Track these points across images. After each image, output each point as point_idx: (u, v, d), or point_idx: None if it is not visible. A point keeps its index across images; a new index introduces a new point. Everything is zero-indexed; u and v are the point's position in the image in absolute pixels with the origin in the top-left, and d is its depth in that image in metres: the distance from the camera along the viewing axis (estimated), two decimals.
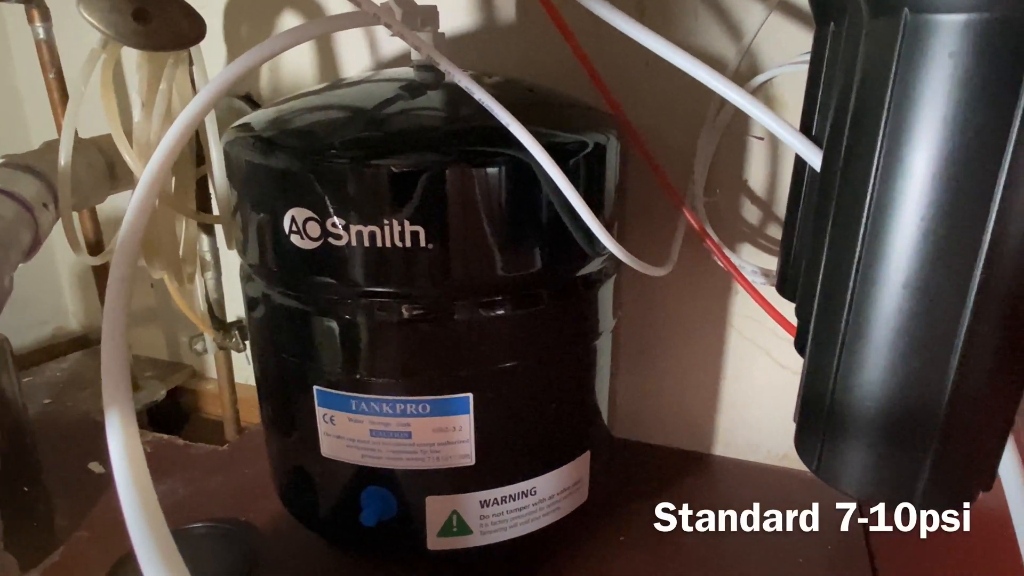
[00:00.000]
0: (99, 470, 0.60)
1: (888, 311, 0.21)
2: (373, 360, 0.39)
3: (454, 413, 0.39)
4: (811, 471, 0.25)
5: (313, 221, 0.36)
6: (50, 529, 0.54)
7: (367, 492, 0.41)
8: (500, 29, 0.54)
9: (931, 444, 0.21)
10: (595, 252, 0.41)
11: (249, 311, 0.45)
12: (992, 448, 0.22)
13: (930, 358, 0.21)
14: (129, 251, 0.28)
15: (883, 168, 0.21)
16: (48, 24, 0.57)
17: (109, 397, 0.23)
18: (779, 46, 0.49)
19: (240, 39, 0.62)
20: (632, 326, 0.59)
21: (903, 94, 0.20)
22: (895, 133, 0.20)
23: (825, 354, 0.24)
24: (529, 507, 0.43)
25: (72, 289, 0.84)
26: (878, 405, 0.22)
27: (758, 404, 0.60)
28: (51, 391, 0.73)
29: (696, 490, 0.59)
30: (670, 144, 0.52)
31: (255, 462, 0.61)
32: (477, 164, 0.36)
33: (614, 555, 0.51)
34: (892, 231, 0.21)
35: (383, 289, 0.38)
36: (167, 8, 0.37)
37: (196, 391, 0.79)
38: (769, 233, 0.54)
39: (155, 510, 0.21)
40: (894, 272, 0.21)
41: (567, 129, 0.40)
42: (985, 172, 0.19)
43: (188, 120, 0.31)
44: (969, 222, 0.19)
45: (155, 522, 0.20)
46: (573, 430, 0.45)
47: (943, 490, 0.22)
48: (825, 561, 0.51)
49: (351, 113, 0.40)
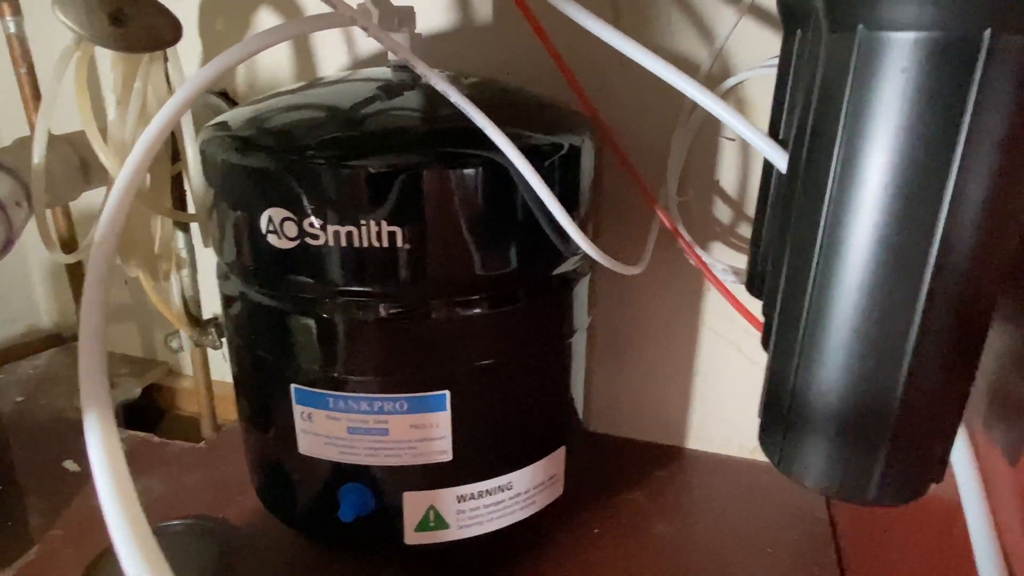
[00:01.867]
0: (73, 468, 0.60)
1: (843, 312, 0.22)
2: (350, 358, 0.40)
3: (431, 410, 0.40)
4: (773, 465, 0.26)
5: (290, 221, 0.37)
6: (24, 528, 0.54)
7: (345, 488, 0.42)
8: (477, 29, 0.55)
9: (884, 441, 0.22)
10: (570, 252, 0.42)
11: (226, 309, 0.45)
12: (942, 443, 0.23)
13: (883, 358, 0.22)
14: (106, 255, 0.28)
15: (839, 177, 0.22)
16: (19, 18, 0.57)
17: (88, 405, 0.23)
18: (750, 49, 0.50)
19: (215, 35, 0.61)
20: (607, 323, 0.60)
21: (858, 106, 0.21)
22: (851, 143, 0.21)
23: (786, 353, 0.25)
24: (505, 501, 0.44)
25: (44, 286, 0.83)
26: (835, 403, 0.23)
27: (730, 399, 0.61)
28: (24, 389, 0.72)
29: (669, 483, 0.60)
30: (644, 144, 0.53)
31: (232, 459, 0.61)
32: (454, 165, 0.36)
33: (589, 547, 0.52)
34: (848, 237, 0.22)
35: (360, 288, 0.38)
36: (143, 10, 0.37)
37: (172, 388, 0.79)
38: (740, 232, 0.55)
39: (136, 509, 0.21)
40: (849, 276, 0.22)
41: (542, 131, 0.40)
42: (934, 182, 0.20)
43: (163, 122, 0.31)
44: (919, 229, 0.20)
45: (136, 521, 0.21)
46: (549, 426, 0.46)
47: (896, 484, 0.23)
48: (792, 550, 0.53)
49: (328, 113, 0.41)
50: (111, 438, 0.24)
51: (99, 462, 0.23)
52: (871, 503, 0.23)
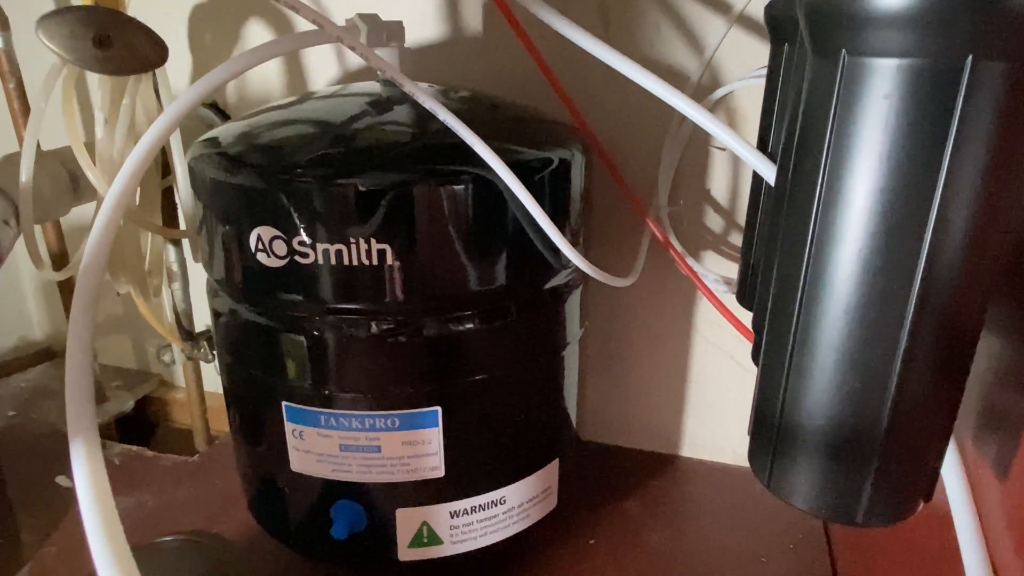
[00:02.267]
0: (66, 484, 0.59)
1: (830, 334, 0.22)
2: (341, 376, 0.40)
3: (423, 427, 0.40)
4: (763, 484, 0.26)
5: (279, 239, 0.36)
6: (17, 545, 0.53)
7: (337, 506, 0.42)
8: (466, 42, 0.55)
9: (872, 462, 0.22)
10: (561, 265, 0.42)
11: (216, 326, 0.45)
12: (931, 462, 0.23)
13: (869, 380, 0.22)
14: (94, 274, 0.28)
15: (824, 200, 0.22)
16: (7, 33, 0.56)
17: (74, 429, 0.23)
18: (740, 59, 0.50)
19: (205, 48, 0.61)
20: (600, 334, 0.60)
21: (842, 130, 0.21)
22: (835, 167, 0.21)
23: (774, 372, 0.25)
24: (499, 516, 0.44)
25: (37, 300, 0.82)
26: (823, 424, 0.23)
27: (723, 407, 0.61)
28: (16, 403, 0.72)
29: (664, 492, 0.60)
30: (634, 155, 0.53)
31: (225, 473, 0.60)
32: (443, 182, 0.36)
33: (584, 558, 0.52)
34: (833, 259, 0.22)
35: (351, 306, 0.38)
36: (128, 32, 0.36)
37: (165, 400, 0.79)
38: (731, 241, 0.55)
39: (120, 540, 0.21)
40: (835, 298, 0.22)
41: (532, 145, 0.40)
42: (918, 207, 0.20)
43: (153, 140, 0.31)
44: (904, 253, 0.20)
45: (120, 553, 0.21)
46: (541, 439, 0.46)
47: (884, 505, 0.23)
48: (787, 559, 0.53)
49: (318, 129, 0.41)
50: (97, 466, 0.23)
51: (85, 490, 0.23)
52: (860, 525, 0.23)
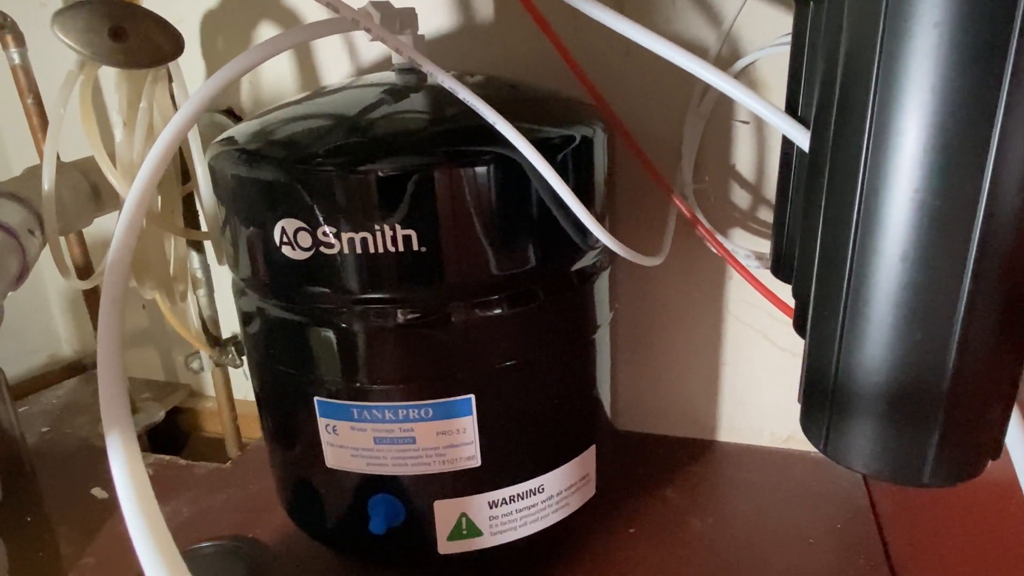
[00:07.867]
0: (102, 495, 0.60)
1: (887, 285, 0.21)
2: (372, 367, 0.39)
3: (457, 415, 0.39)
4: (819, 450, 0.25)
5: (304, 231, 0.36)
6: (56, 558, 0.53)
7: (374, 500, 0.41)
8: (479, 27, 0.54)
9: (936, 417, 0.21)
10: (588, 245, 0.41)
11: (244, 326, 0.44)
12: (998, 416, 0.22)
13: (931, 330, 0.21)
14: (120, 272, 0.28)
15: (874, 143, 0.20)
16: (23, 49, 0.57)
17: (109, 421, 0.23)
18: (759, 29, 0.49)
19: (218, 52, 0.61)
20: (630, 318, 0.59)
21: (890, 67, 0.20)
22: (884, 107, 0.20)
23: (826, 332, 0.24)
24: (538, 505, 0.43)
25: (63, 315, 0.83)
26: (881, 381, 0.22)
27: (759, 388, 0.60)
28: (48, 419, 0.72)
29: (703, 477, 0.59)
30: (656, 133, 0.52)
31: (258, 477, 0.60)
32: (465, 164, 0.35)
33: (626, 548, 0.51)
34: (887, 205, 0.21)
35: (378, 295, 0.37)
36: (143, 25, 0.36)
37: (195, 410, 0.79)
38: (760, 216, 0.54)
39: (164, 534, 0.21)
40: (891, 246, 0.21)
41: (553, 124, 0.40)
42: (976, 140, 0.19)
43: (171, 137, 0.31)
44: (963, 191, 0.19)
45: (165, 546, 0.20)
46: (577, 425, 0.45)
47: (951, 464, 0.22)
48: (835, 540, 0.51)
49: (335, 120, 0.40)
50: (135, 461, 0.23)
51: (124, 486, 0.22)
52: (926, 485, 0.22)
